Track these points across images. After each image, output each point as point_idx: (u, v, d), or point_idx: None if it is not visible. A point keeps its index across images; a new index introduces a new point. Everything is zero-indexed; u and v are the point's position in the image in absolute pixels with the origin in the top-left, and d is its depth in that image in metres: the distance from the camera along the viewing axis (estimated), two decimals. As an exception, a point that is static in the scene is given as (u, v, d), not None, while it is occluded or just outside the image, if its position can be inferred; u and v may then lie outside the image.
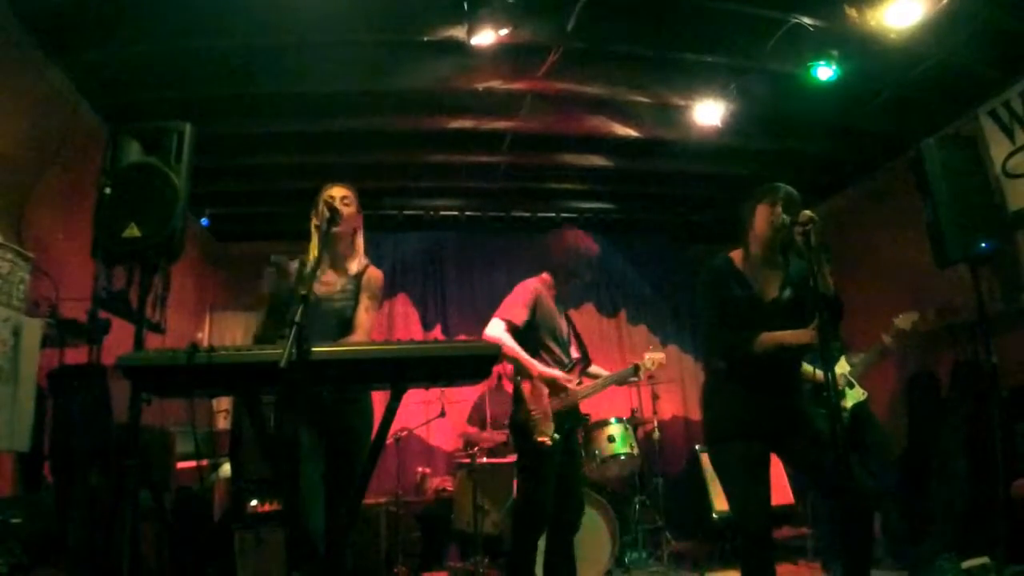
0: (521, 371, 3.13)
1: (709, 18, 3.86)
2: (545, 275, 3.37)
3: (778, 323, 2.48)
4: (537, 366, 3.11)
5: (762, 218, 2.53)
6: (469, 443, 4.70)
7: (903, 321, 3.78)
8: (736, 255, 2.63)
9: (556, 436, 3.05)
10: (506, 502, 4.51)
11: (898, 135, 4.92)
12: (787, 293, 2.57)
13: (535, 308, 3.20)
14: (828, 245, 4.01)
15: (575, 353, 3.40)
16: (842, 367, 3.94)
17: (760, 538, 2.40)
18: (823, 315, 2.27)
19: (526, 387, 3.11)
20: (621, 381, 3.69)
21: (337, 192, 2.67)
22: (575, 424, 3.35)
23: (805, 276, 2.53)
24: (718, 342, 2.59)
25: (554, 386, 3.12)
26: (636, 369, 3.69)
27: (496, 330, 3.09)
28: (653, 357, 3.83)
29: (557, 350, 3.27)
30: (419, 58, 4.10)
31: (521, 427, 3.10)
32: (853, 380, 3.96)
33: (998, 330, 3.87)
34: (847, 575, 2.34)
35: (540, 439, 3.01)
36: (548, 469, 3.09)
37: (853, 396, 3.94)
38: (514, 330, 3.12)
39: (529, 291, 3.23)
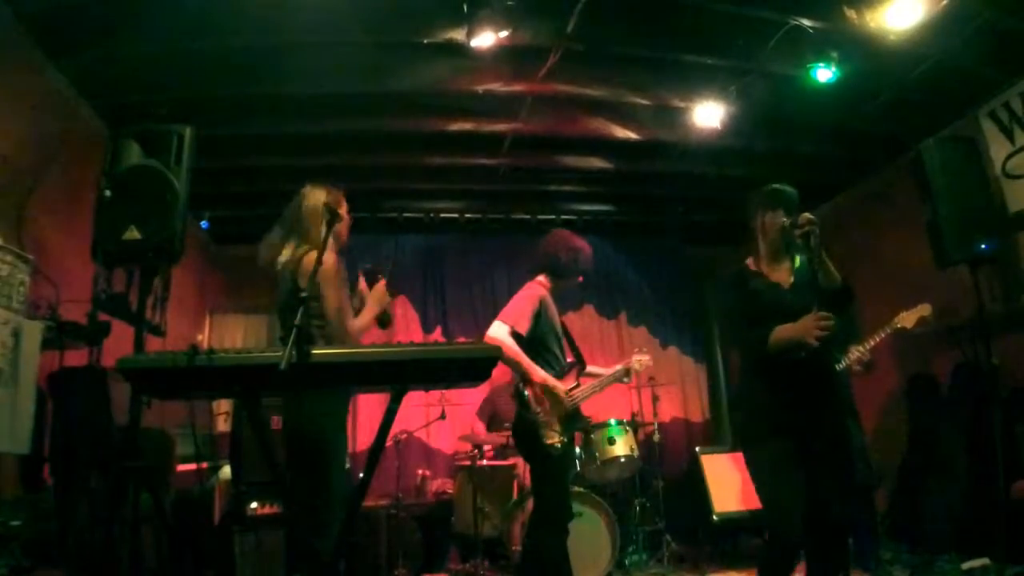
0: (523, 375, 3.13)
1: (709, 20, 3.85)
2: (541, 277, 3.38)
3: (798, 306, 2.44)
4: (538, 371, 3.11)
5: (770, 223, 2.58)
6: (475, 443, 4.70)
7: (905, 319, 3.65)
8: (749, 262, 2.68)
9: (564, 439, 3.08)
10: (506, 504, 4.51)
11: (898, 136, 4.92)
12: (798, 276, 2.59)
13: (539, 315, 3.20)
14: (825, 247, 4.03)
15: (569, 356, 3.41)
16: None
17: (791, 545, 2.32)
18: (835, 311, 2.30)
19: (530, 392, 3.12)
20: (614, 382, 3.75)
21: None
22: (579, 427, 3.37)
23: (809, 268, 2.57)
24: (743, 343, 2.61)
25: (551, 392, 3.11)
26: (627, 371, 3.76)
27: (499, 332, 3.10)
28: (641, 359, 3.88)
29: (558, 353, 3.29)
30: (419, 60, 4.10)
31: (528, 431, 3.10)
32: None
33: (998, 330, 3.87)
34: None
35: (549, 442, 3.04)
36: (560, 470, 3.11)
37: None
38: (516, 336, 3.13)
39: (535, 299, 3.23)
